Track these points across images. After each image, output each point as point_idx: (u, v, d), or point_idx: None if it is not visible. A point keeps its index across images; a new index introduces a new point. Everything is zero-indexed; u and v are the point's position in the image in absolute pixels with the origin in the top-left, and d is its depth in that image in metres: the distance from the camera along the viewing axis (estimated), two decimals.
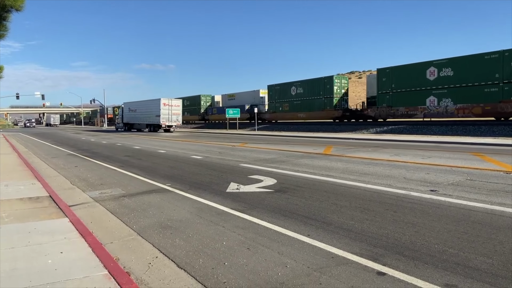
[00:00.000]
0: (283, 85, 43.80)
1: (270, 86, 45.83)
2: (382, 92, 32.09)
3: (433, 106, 28.16)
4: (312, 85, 39.61)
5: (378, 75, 32.28)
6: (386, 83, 31.68)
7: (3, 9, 7.62)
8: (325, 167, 11.41)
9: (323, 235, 5.22)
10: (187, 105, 63.05)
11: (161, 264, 4.44)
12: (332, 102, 37.25)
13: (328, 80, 37.64)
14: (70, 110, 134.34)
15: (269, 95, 45.92)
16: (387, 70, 31.60)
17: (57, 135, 44.48)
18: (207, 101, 61.82)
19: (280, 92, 44.03)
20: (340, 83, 37.65)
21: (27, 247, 4.82)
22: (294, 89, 41.91)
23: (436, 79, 27.95)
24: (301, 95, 41.00)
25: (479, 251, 4.46)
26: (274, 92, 44.94)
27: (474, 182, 8.40)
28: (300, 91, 41.08)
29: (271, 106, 45.76)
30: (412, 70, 29.55)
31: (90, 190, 9.08)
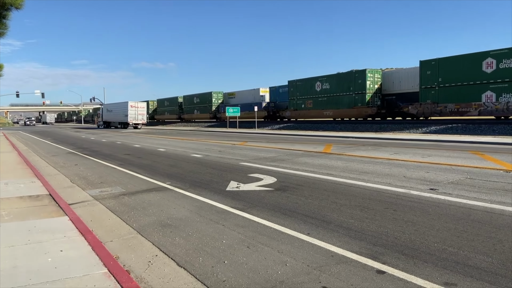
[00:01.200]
0: (306, 81, 39.84)
1: (290, 82, 41.80)
2: (426, 87, 28.22)
3: (490, 102, 24.65)
4: (341, 80, 35.59)
5: (422, 68, 28.41)
6: (431, 77, 27.77)
7: (3, 7, 7.61)
8: (325, 165, 11.41)
9: (323, 233, 5.22)
10: (196, 103, 60.57)
11: (161, 262, 4.45)
12: (364, 98, 33.01)
13: (360, 74, 33.46)
14: (70, 108, 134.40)
15: (289, 91, 41.69)
16: (432, 62, 27.71)
17: (57, 133, 44.48)
18: (219, 98, 57.39)
19: (302, 88, 39.93)
20: (373, 78, 33.43)
21: (27, 245, 4.83)
22: (319, 84, 37.70)
23: (494, 71, 24.29)
24: (328, 91, 36.80)
25: (479, 249, 4.46)
26: (296, 88, 40.78)
27: (474, 180, 8.41)
28: (326, 87, 36.91)
29: (292, 103, 41.43)
30: (464, 62, 25.92)
31: (90, 189, 9.08)
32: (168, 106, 70.52)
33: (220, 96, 57.36)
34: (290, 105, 42.06)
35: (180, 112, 65.88)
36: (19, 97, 69.73)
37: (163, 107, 72.40)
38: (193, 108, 61.11)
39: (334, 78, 36.68)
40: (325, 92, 37.30)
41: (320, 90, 37.84)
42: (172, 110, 68.65)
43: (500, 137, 19.61)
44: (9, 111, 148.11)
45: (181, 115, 65.60)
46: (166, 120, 71.58)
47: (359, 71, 33.71)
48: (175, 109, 67.14)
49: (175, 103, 67.47)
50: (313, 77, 38.83)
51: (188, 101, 63.46)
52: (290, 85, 41.90)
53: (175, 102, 67.79)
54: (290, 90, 41.78)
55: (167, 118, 70.95)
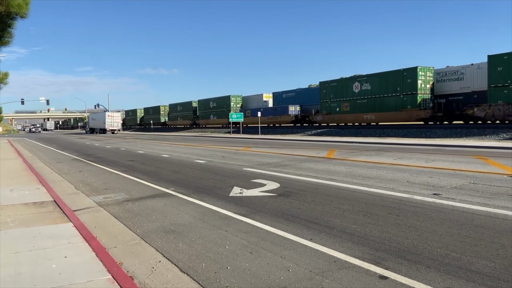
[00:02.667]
0: (342, 81, 36.86)
1: (323, 83, 38.51)
2: (496, 86, 24.78)
3: None
4: (385, 79, 31.81)
5: (491, 63, 25.08)
6: (503, 74, 24.41)
7: (8, 16, 7.72)
8: (328, 171, 11.41)
9: (326, 239, 5.23)
10: (213, 107, 57.54)
11: (164, 268, 4.47)
12: (415, 100, 29.41)
13: (410, 72, 29.83)
14: (75, 115, 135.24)
15: (321, 94, 38.19)
16: (504, 56, 24.41)
17: (61, 140, 44.73)
18: (237, 102, 54.24)
19: (337, 89, 36.36)
20: (425, 77, 29.66)
21: (31, 252, 4.87)
22: (357, 85, 34.22)
23: None
24: (368, 92, 33.15)
25: (482, 254, 4.45)
26: (329, 90, 37.21)
27: (477, 185, 8.38)
28: (367, 88, 33.31)
29: (324, 106, 38.03)
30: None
31: (94, 195, 9.13)
32: (181, 111, 67.87)
33: (239, 100, 54.44)
34: (321, 108, 38.46)
35: (195, 117, 63.30)
36: (24, 104, 70.40)
37: (176, 112, 69.67)
38: (209, 113, 58.44)
39: (377, 77, 32.75)
40: (365, 93, 33.50)
41: (359, 92, 34.05)
42: (185, 115, 65.90)
43: (504, 142, 19.52)
44: (14, 118, 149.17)
45: (195, 121, 62.88)
46: (178, 126, 68.70)
47: (409, 69, 30.01)
48: (189, 114, 64.58)
49: (189, 107, 64.87)
50: (350, 77, 35.84)
51: (203, 105, 60.69)
52: (322, 86, 38.39)
53: (189, 106, 65.10)
54: (322, 92, 38.12)
55: (180, 123, 68.08)
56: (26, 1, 7.17)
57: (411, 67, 29.84)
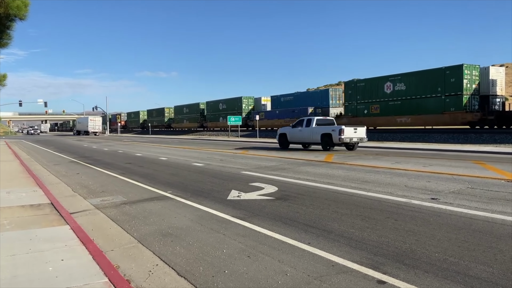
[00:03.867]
0: (371, 81, 33.40)
1: (348, 83, 35.64)
2: None
3: None
4: (423, 79, 28.85)
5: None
6: None
7: (7, 18, 7.72)
8: (327, 174, 11.41)
9: (324, 243, 5.22)
10: (222, 109, 54.61)
11: (161, 272, 4.45)
12: (460, 101, 26.27)
13: (454, 71, 26.81)
14: (73, 117, 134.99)
15: (346, 95, 35.50)
16: None
17: (59, 142, 44.63)
18: (249, 104, 51.62)
19: (365, 90, 33.56)
20: (471, 76, 26.62)
21: (28, 254, 4.84)
22: (389, 85, 31.32)
23: None
24: (403, 93, 30.32)
25: (480, 259, 4.45)
26: (356, 90, 34.39)
27: (475, 190, 8.40)
28: (401, 88, 30.43)
29: (350, 109, 34.97)
30: None
31: (92, 198, 9.10)
32: (187, 113, 65.33)
33: (251, 102, 51.79)
34: (347, 111, 35.51)
35: (202, 119, 60.54)
36: (22, 106, 70.18)
37: (182, 115, 67.22)
38: (219, 115, 55.34)
39: (413, 77, 29.81)
40: (399, 94, 30.68)
41: (392, 92, 31.12)
42: (192, 117, 63.24)
43: (501, 147, 19.59)
44: (12, 120, 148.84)
45: (203, 123, 59.97)
46: (185, 128, 66.24)
47: (453, 67, 27.10)
48: (196, 117, 62.02)
49: (196, 109, 62.34)
50: (380, 77, 32.32)
51: (212, 107, 57.93)
52: (348, 87, 35.45)
53: (196, 108, 62.56)
54: (348, 93, 35.15)
55: (186, 126, 65.66)
56: (25, 3, 7.18)
57: (456, 65, 27.01)
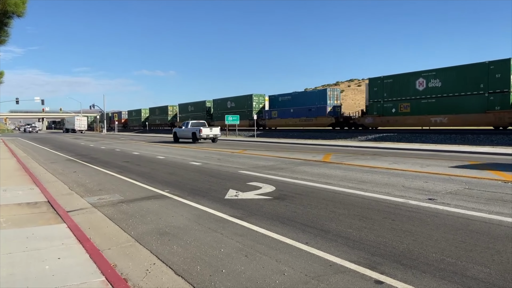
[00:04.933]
0: (400, 78, 30.58)
1: (373, 80, 32.59)
2: None
3: None
4: (463, 74, 26.36)
5: None
6: None
7: (5, 15, 7.67)
8: (324, 174, 11.42)
9: (321, 243, 5.22)
10: (231, 108, 51.29)
11: (158, 271, 4.43)
12: (507, 99, 24.07)
13: (499, 66, 24.19)
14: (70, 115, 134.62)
15: (371, 92, 32.51)
16: None
17: (56, 140, 44.47)
18: (260, 102, 48.42)
19: (393, 87, 30.70)
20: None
21: (24, 253, 4.81)
22: (422, 82, 28.67)
23: None
24: (438, 90, 27.59)
25: (477, 260, 4.46)
26: (382, 87, 31.49)
27: (472, 191, 8.42)
28: (435, 85, 27.79)
29: (375, 107, 31.99)
30: None
31: (89, 196, 9.07)
32: (192, 111, 61.85)
33: (262, 100, 48.60)
34: (372, 109, 32.54)
35: (209, 118, 56.48)
36: (19, 104, 69.88)
37: (186, 113, 63.61)
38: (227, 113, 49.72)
39: (451, 72, 27.25)
40: (433, 91, 27.95)
41: (424, 90, 28.45)
42: (198, 116, 58.62)
43: (498, 148, 19.65)
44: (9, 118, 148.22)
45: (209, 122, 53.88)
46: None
47: (498, 61, 24.49)
48: (202, 115, 57.85)
49: (202, 108, 59.15)
50: (411, 72, 29.75)
51: (219, 105, 54.72)
52: (373, 84, 32.49)
53: (201, 107, 59.45)
54: (373, 90, 32.19)
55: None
56: (23, 0, 7.14)
57: (501, 59, 24.41)
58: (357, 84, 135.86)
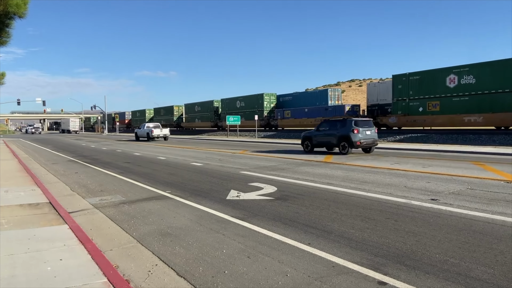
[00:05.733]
0: (428, 74, 28.09)
1: (398, 77, 30.14)
2: None
3: None
4: (500, 70, 23.94)
5: None
6: None
7: (6, 16, 7.67)
8: (326, 175, 11.39)
9: (324, 243, 5.19)
10: (240, 108, 49.44)
11: (160, 272, 4.42)
12: None
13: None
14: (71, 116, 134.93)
15: (395, 90, 30.12)
16: None
17: (57, 141, 44.51)
18: (271, 101, 46.40)
19: (420, 84, 28.43)
20: None
21: (26, 254, 4.80)
22: (453, 78, 26.29)
23: None
24: (472, 88, 25.44)
25: (481, 261, 4.43)
26: (407, 85, 29.22)
27: (475, 191, 8.39)
28: (469, 81, 25.53)
29: (400, 106, 29.83)
30: None
31: (90, 197, 9.06)
32: (199, 111, 59.81)
33: (273, 100, 46.76)
34: (395, 108, 30.35)
35: (217, 118, 55.38)
36: (20, 105, 69.99)
37: (193, 113, 61.82)
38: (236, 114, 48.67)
39: (487, 68, 24.93)
40: (467, 89, 25.79)
41: (456, 87, 26.19)
42: (205, 116, 57.44)
43: (500, 148, 19.61)
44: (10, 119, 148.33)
45: (217, 123, 54.76)
46: (196, 128, 61.05)
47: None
48: (210, 115, 56.39)
49: (210, 108, 56.99)
50: (441, 69, 27.43)
51: (228, 105, 52.77)
52: (397, 81, 30.19)
53: (209, 107, 57.29)
54: (397, 87, 29.95)
55: (199, 126, 60.06)
56: (25, 1, 7.14)
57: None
58: (358, 84, 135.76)
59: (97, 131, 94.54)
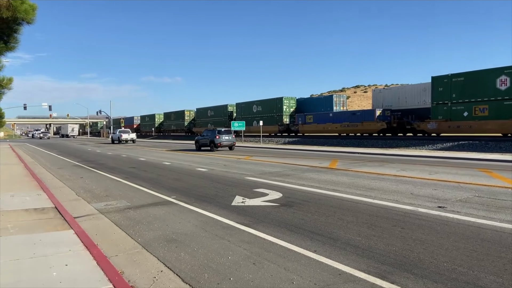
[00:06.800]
0: (474, 75, 25.38)
1: (438, 78, 27.07)
2: None
3: None
4: None
5: None
6: None
7: (15, 21, 7.73)
8: (331, 181, 11.34)
9: (330, 251, 5.15)
10: (256, 112, 47.29)
11: (166, 278, 4.40)
12: None
13: None
14: (77, 121, 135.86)
15: (435, 93, 27.25)
16: None
17: (63, 145, 44.75)
18: (291, 105, 44.07)
19: (465, 86, 25.56)
20: None
21: (32, 259, 4.80)
22: (505, 80, 23.57)
23: None
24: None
25: (489, 269, 4.37)
26: (449, 87, 26.42)
27: (482, 199, 8.30)
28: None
29: (440, 110, 27.00)
30: None
31: (95, 202, 9.07)
32: (212, 116, 57.22)
33: (292, 104, 44.37)
34: (436, 112, 27.38)
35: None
36: (26, 110, 70.47)
37: (205, 118, 59.21)
38: (251, 118, 47.19)
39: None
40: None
41: (508, 89, 23.56)
42: (218, 121, 54.29)
43: (507, 155, 19.43)
44: (16, 123, 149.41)
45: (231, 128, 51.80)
46: None
47: None
48: (223, 120, 53.62)
49: (223, 112, 54.69)
50: (490, 69, 24.78)
51: (243, 109, 50.29)
52: (438, 83, 27.20)
53: (223, 111, 54.91)
54: (438, 90, 27.11)
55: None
56: (33, 6, 7.20)
57: None
58: (363, 90, 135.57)
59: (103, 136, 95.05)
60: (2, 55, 8.79)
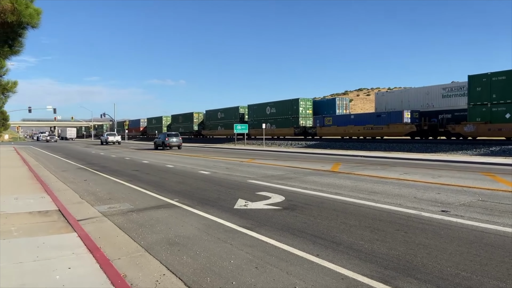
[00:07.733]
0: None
1: (476, 78, 25.03)
2: None
3: None
4: None
5: None
6: None
7: (19, 26, 7.79)
8: (333, 184, 11.32)
9: (333, 255, 5.14)
10: (270, 114, 45.53)
11: (168, 282, 4.40)
12: None
13: None
14: (81, 124, 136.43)
15: (472, 93, 25.21)
16: None
17: (67, 148, 44.93)
18: (307, 107, 42.42)
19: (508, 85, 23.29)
20: None
21: (35, 262, 4.82)
22: None
23: None
24: None
25: (493, 274, 4.35)
26: (489, 87, 24.26)
27: (486, 203, 8.26)
28: None
29: (478, 111, 24.91)
30: None
31: (99, 205, 9.10)
32: (222, 118, 55.33)
33: (309, 105, 42.70)
34: (473, 114, 25.38)
35: None
36: (31, 112, 70.82)
37: (215, 120, 57.45)
38: (265, 120, 45.24)
39: None
40: None
41: None
42: (229, 123, 51.44)
43: (511, 158, 19.31)
44: (21, 126, 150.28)
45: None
46: (217, 136, 56.45)
47: None
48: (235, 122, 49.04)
49: (234, 114, 52.71)
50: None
51: (255, 111, 48.40)
52: (475, 82, 25.11)
53: (233, 113, 53.02)
54: (475, 90, 25.02)
55: (221, 134, 54.88)
56: (38, 11, 7.25)
57: None
58: (366, 93, 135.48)
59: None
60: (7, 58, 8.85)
